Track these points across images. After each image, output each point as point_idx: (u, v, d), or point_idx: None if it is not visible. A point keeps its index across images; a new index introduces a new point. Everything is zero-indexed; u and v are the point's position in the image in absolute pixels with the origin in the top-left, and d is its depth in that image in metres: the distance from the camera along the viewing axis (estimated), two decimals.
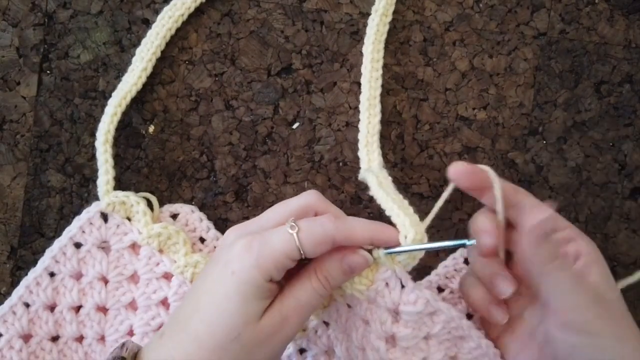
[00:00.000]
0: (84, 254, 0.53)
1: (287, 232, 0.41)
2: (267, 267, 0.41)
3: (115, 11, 0.56)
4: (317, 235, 0.42)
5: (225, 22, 0.55)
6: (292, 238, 0.41)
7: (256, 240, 0.42)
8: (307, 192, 0.46)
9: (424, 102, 0.55)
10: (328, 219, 0.43)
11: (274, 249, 0.41)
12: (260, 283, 0.41)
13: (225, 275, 0.41)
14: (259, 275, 0.41)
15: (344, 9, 0.55)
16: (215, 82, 0.56)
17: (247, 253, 0.41)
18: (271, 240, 0.42)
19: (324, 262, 0.44)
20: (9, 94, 0.56)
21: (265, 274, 0.41)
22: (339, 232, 0.42)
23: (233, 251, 0.42)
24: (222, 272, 0.42)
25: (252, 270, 0.41)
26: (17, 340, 0.52)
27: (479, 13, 0.55)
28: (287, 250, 0.41)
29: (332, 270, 0.44)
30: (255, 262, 0.41)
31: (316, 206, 0.45)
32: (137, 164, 0.56)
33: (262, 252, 0.41)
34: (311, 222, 0.42)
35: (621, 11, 0.55)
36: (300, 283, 0.43)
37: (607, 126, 0.55)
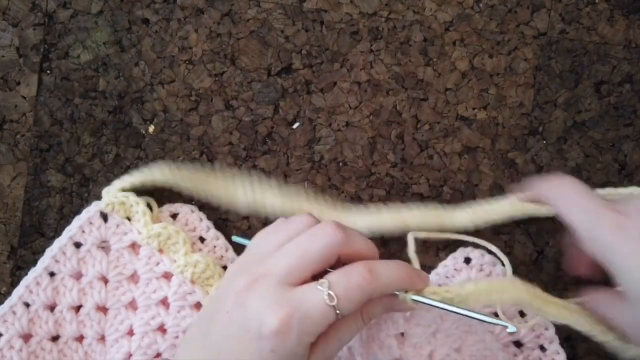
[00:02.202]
0: (84, 253, 0.53)
1: (325, 304, 0.39)
2: (308, 339, 0.40)
3: (115, 11, 0.56)
4: (356, 301, 0.40)
5: (225, 22, 0.55)
6: (331, 311, 0.39)
7: (295, 317, 0.39)
8: (327, 229, 0.42)
9: (424, 102, 0.55)
10: (363, 278, 0.40)
11: (316, 324, 0.39)
12: (303, 352, 0.40)
13: (262, 351, 0.39)
14: (300, 349, 0.40)
15: (344, 9, 0.55)
16: (215, 82, 0.56)
17: (287, 332, 0.39)
18: (311, 315, 0.39)
19: (372, 306, 0.43)
20: (9, 93, 0.56)
21: (307, 345, 0.40)
22: (375, 291, 0.41)
23: (267, 325, 0.39)
24: (257, 346, 0.39)
25: (294, 347, 0.39)
26: (17, 340, 0.52)
27: (479, 13, 0.55)
28: (328, 321, 0.40)
29: (378, 313, 0.43)
30: (297, 341, 0.39)
31: (341, 250, 0.42)
32: (137, 163, 0.56)
33: (304, 328, 0.39)
34: (346, 283, 0.40)
35: (621, 11, 0.55)
36: (345, 326, 0.42)
37: (607, 126, 0.55)
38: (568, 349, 0.53)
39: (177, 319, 0.52)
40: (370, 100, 0.55)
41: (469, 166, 0.55)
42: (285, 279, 0.40)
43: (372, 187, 0.55)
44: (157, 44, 0.55)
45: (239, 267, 0.44)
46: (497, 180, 0.55)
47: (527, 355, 0.52)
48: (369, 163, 0.55)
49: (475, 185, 0.55)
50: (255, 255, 0.44)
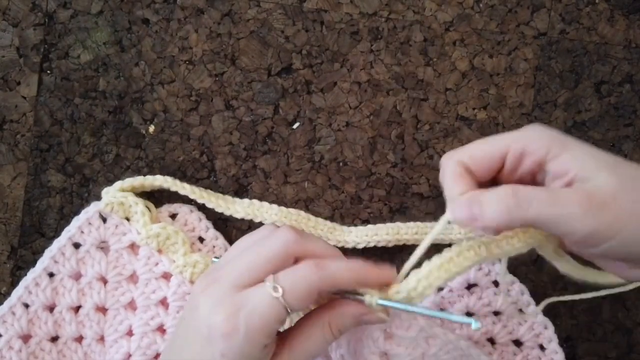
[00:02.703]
0: (83, 254, 0.53)
1: (271, 296, 0.38)
2: (259, 339, 0.38)
3: (115, 11, 0.56)
4: (302, 292, 0.39)
5: (225, 22, 0.56)
6: (278, 302, 0.38)
7: (240, 314, 0.38)
8: (281, 232, 0.41)
9: (424, 102, 0.55)
10: (309, 268, 0.39)
11: (262, 319, 0.38)
12: (258, 353, 0.39)
13: (213, 355, 0.39)
14: (253, 350, 0.38)
15: (344, 9, 0.55)
16: (216, 82, 0.56)
17: (234, 332, 0.38)
18: (257, 311, 0.38)
19: (338, 316, 0.41)
20: (9, 94, 0.56)
21: (260, 346, 0.39)
22: (323, 282, 0.39)
23: (216, 328, 0.38)
24: (209, 351, 0.39)
25: (244, 348, 0.38)
26: (17, 341, 0.52)
27: (479, 13, 0.55)
28: (276, 316, 0.38)
29: (347, 325, 0.41)
30: (244, 340, 0.38)
31: (294, 252, 0.40)
32: (137, 164, 0.56)
33: (251, 326, 0.38)
34: (292, 276, 0.39)
35: (621, 11, 0.55)
36: (311, 335, 0.41)
37: (607, 126, 0.55)
38: (568, 349, 0.53)
39: (176, 319, 0.52)
40: (370, 100, 0.55)
41: None
42: (235, 281, 0.39)
43: (372, 187, 0.55)
44: (157, 44, 0.55)
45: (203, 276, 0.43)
46: None
47: (526, 354, 0.52)
48: (369, 163, 0.55)
49: None
50: (218, 263, 0.44)
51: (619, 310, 0.55)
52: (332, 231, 0.54)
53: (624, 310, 0.55)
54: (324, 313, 0.41)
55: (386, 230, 0.54)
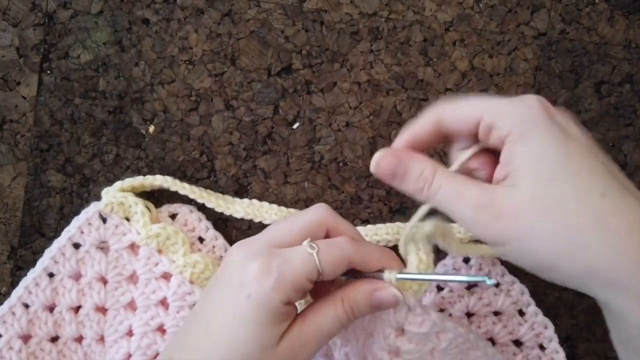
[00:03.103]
0: (83, 254, 0.53)
1: (307, 252, 0.40)
2: (287, 290, 0.39)
3: (115, 11, 0.56)
4: (335, 256, 0.40)
5: (225, 22, 0.56)
6: (312, 258, 0.40)
7: (275, 262, 0.39)
8: (317, 207, 0.43)
9: (424, 102, 0.55)
10: (345, 240, 0.41)
11: (294, 270, 0.39)
12: (279, 307, 0.39)
13: (239, 298, 0.39)
14: (278, 299, 0.39)
15: (344, 9, 0.55)
16: (215, 82, 0.56)
17: (266, 275, 0.39)
18: (291, 261, 0.39)
19: (352, 291, 0.42)
20: (9, 94, 0.56)
21: (285, 298, 0.39)
22: (356, 254, 0.41)
23: (248, 273, 0.39)
24: (236, 294, 0.39)
25: (271, 294, 0.39)
26: (17, 341, 0.52)
27: (479, 13, 0.55)
28: (308, 271, 0.39)
29: (360, 302, 0.41)
30: (274, 285, 0.39)
31: (328, 223, 0.43)
32: (137, 164, 0.56)
33: (282, 274, 0.39)
34: (328, 242, 0.41)
35: (621, 11, 0.55)
36: (323, 309, 0.42)
37: (607, 126, 0.55)
38: (568, 349, 0.53)
39: (176, 319, 0.52)
40: (370, 101, 0.55)
41: None
42: (273, 241, 0.41)
43: (372, 187, 0.55)
44: (157, 44, 0.55)
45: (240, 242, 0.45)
46: None
47: (526, 354, 0.52)
48: (369, 163, 0.55)
49: None
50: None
51: None
52: None
53: None
54: (337, 290, 0.42)
55: (386, 230, 0.54)
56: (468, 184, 0.38)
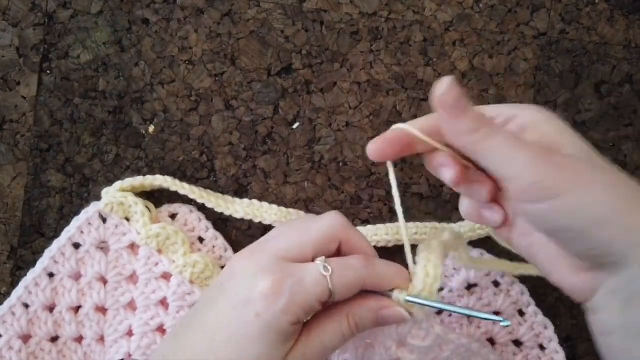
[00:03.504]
0: (83, 254, 0.53)
1: (320, 273, 0.39)
2: (298, 312, 0.38)
3: (115, 11, 0.56)
4: (350, 280, 0.39)
5: (225, 22, 0.56)
6: (325, 281, 0.39)
7: (287, 282, 0.38)
8: (331, 217, 0.42)
9: (424, 102, 0.55)
10: (359, 262, 0.40)
11: (307, 292, 0.38)
12: (287, 328, 0.38)
13: (246, 315, 0.38)
14: (287, 321, 0.38)
15: (344, 9, 0.55)
16: (215, 82, 0.56)
17: (277, 296, 0.38)
18: (304, 283, 0.38)
19: (358, 308, 0.41)
20: (9, 94, 0.56)
21: (294, 319, 0.38)
22: (369, 278, 0.40)
23: (257, 289, 0.38)
24: (242, 311, 0.38)
25: (280, 316, 0.38)
26: (17, 341, 0.52)
27: (479, 13, 0.55)
28: (320, 294, 0.39)
29: (365, 319, 0.41)
30: (285, 308, 0.38)
31: (341, 235, 0.41)
32: (137, 164, 0.56)
33: (293, 296, 0.38)
34: (343, 263, 0.40)
35: (621, 11, 0.55)
36: (328, 326, 0.41)
37: (607, 126, 0.55)
38: (568, 349, 0.53)
39: (176, 319, 0.52)
40: (370, 101, 0.55)
41: None
42: (282, 253, 0.40)
43: (372, 187, 0.55)
44: (157, 44, 0.55)
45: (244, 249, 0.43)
46: None
47: (526, 354, 0.52)
48: (369, 163, 0.55)
49: None
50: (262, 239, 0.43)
51: None
52: None
53: None
54: (343, 306, 0.41)
55: (386, 230, 0.54)
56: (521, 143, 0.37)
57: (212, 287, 0.43)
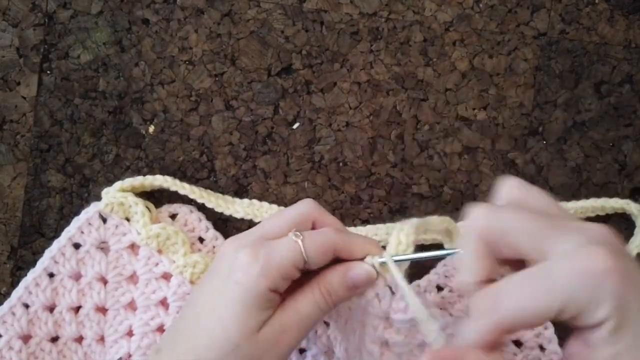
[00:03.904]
0: (83, 254, 0.53)
1: (292, 240, 0.42)
2: (274, 275, 0.41)
3: (115, 11, 0.56)
4: (321, 244, 0.42)
5: (225, 22, 0.56)
6: (297, 246, 0.41)
7: (262, 249, 0.41)
8: (303, 202, 0.46)
9: (424, 102, 0.55)
10: (329, 230, 0.43)
11: (281, 256, 0.41)
12: (265, 292, 0.41)
13: (228, 285, 0.41)
14: (265, 285, 0.40)
15: (344, 9, 0.55)
16: (215, 82, 0.56)
17: (253, 261, 0.41)
18: (277, 249, 0.41)
19: (327, 275, 0.43)
20: (9, 94, 0.56)
21: (271, 283, 0.41)
22: (340, 242, 0.43)
23: (237, 261, 0.41)
24: (224, 282, 0.41)
25: (258, 279, 0.40)
26: (17, 341, 0.51)
27: (479, 13, 0.55)
28: (294, 258, 0.41)
29: (335, 284, 0.43)
30: (261, 271, 0.40)
31: (313, 216, 0.45)
32: (137, 164, 0.56)
33: (269, 260, 0.41)
34: (314, 232, 0.43)
35: (621, 11, 0.55)
36: (302, 295, 0.43)
37: (607, 126, 0.55)
38: None
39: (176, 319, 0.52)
40: (370, 101, 0.55)
41: (469, 166, 0.55)
42: (263, 234, 0.43)
43: (372, 187, 0.55)
44: (157, 44, 0.56)
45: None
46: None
47: (526, 354, 0.52)
48: (369, 163, 0.55)
49: (475, 186, 0.55)
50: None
51: None
52: None
53: None
54: (316, 275, 0.43)
55: (386, 230, 0.54)
56: None
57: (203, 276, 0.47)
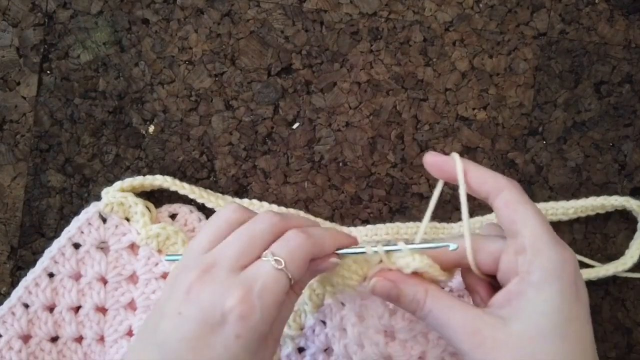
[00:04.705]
0: (83, 254, 0.53)
1: (275, 269, 0.39)
2: (273, 313, 0.39)
3: (115, 11, 0.56)
4: (301, 260, 0.40)
5: (225, 22, 0.56)
6: (282, 274, 0.39)
7: (253, 294, 0.38)
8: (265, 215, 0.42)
9: (424, 102, 0.55)
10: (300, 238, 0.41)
11: (274, 293, 0.39)
12: (267, 330, 0.39)
13: (227, 340, 0.38)
14: (267, 326, 0.39)
15: (344, 9, 0.55)
16: (215, 82, 0.56)
17: (250, 311, 0.38)
18: (267, 286, 0.39)
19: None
20: (9, 94, 0.56)
21: (272, 320, 0.40)
22: (314, 248, 0.41)
23: (229, 311, 0.38)
24: (222, 336, 0.38)
25: (260, 325, 0.38)
26: (17, 341, 0.52)
27: (479, 13, 0.55)
28: (284, 287, 0.40)
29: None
30: (261, 316, 0.38)
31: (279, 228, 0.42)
32: (137, 164, 0.56)
33: (265, 302, 0.39)
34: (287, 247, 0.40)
35: (621, 11, 0.55)
36: None
37: (607, 126, 0.55)
38: None
39: None
40: (370, 101, 0.55)
41: None
42: (235, 264, 0.40)
43: (372, 187, 0.55)
44: (157, 44, 0.56)
45: (182, 266, 0.42)
46: None
47: None
48: (369, 163, 0.55)
49: None
50: (196, 251, 0.42)
51: (618, 310, 0.55)
52: None
53: (623, 310, 0.55)
54: None
55: (386, 230, 0.54)
56: (456, 310, 0.40)
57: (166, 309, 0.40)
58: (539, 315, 0.38)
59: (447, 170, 0.42)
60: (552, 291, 0.38)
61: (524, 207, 0.40)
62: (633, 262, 0.53)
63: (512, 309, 0.39)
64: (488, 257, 0.41)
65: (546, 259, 0.38)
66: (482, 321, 0.39)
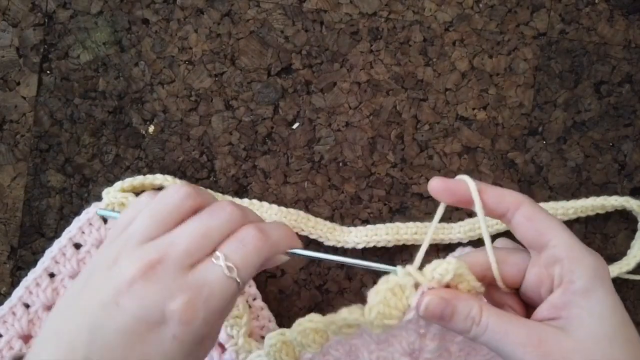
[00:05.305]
0: (84, 254, 0.53)
1: (226, 276, 0.37)
2: (217, 320, 0.38)
3: (115, 11, 0.56)
4: (254, 266, 0.38)
5: (225, 22, 0.55)
6: (232, 282, 0.37)
7: (199, 299, 0.36)
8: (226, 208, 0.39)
9: (424, 102, 0.55)
10: (257, 239, 0.39)
11: (221, 301, 0.37)
12: (209, 333, 0.38)
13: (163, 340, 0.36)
14: (207, 330, 0.37)
15: (344, 9, 0.55)
16: (215, 82, 0.56)
17: (193, 316, 0.36)
18: (215, 293, 0.37)
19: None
20: (9, 94, 0.56)
21: (216, 326, 0.38)
22: (269, 250, 0.39)
23: (171, 314, 0.36)
24: (158, 335, 0.36)
25: (199, 331, 0.36)
26: (17, 341, 0.52)
27: (479, 13, 0.55)
28: (233, 294, 0.38)
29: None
30: (203, 322, 0.36)
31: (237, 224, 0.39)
32: (137, 164, 0.56)
33: (210, 310, 0.37)
34: (242, 251, 0.38)
35: (621, 11, 0.55)
36: None
37: (607, 126, 0.55)
38: None
39: None
40: (370, 101, 0.55)
41: (469, 166, 0.55)
42: (184, 262, 0.37)
43: (372, 187, 0.55)
44: (157, 44, 0.55)
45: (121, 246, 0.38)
46: (497, 180, 0.55)
47: None
48: (369, 163, 0.55)
49: None
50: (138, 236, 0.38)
51: None
52: (331, 231, 0.54)
53: None
54: None
55: (386, 231, 0.54)
56: (515, 323, 0.38)
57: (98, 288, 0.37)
58: (597, 319, 0.37)
59: (459, 194, 0.40)
60: (599, 296, 0.37)
61: (549, 219, 0.39)
62: (636, 262, 0.53)
63: (565, 319, 0.38)
64: (512, 269, 0.40)
65: (585, 266, 0.38)
66: (544, 332, 0.38)
